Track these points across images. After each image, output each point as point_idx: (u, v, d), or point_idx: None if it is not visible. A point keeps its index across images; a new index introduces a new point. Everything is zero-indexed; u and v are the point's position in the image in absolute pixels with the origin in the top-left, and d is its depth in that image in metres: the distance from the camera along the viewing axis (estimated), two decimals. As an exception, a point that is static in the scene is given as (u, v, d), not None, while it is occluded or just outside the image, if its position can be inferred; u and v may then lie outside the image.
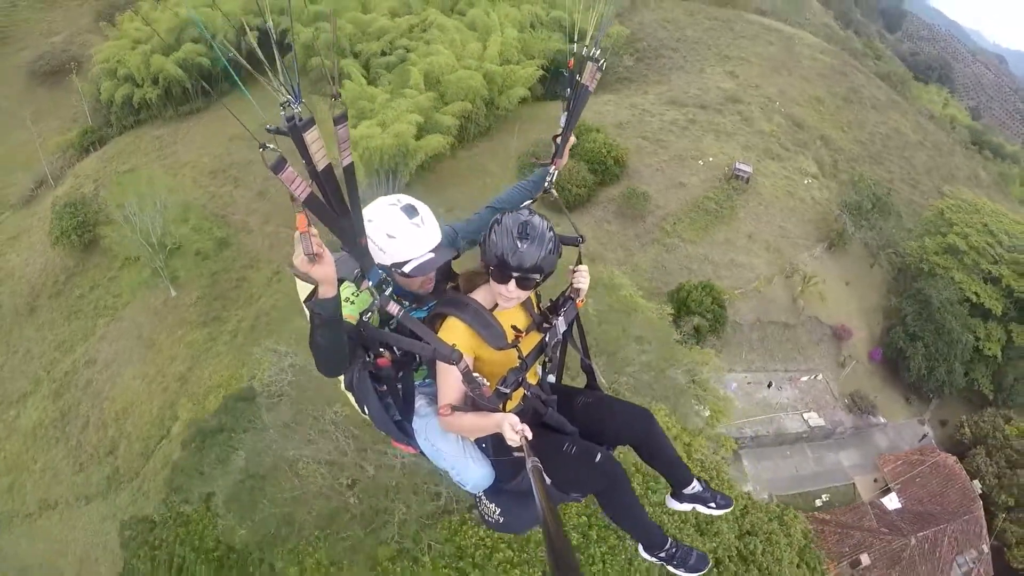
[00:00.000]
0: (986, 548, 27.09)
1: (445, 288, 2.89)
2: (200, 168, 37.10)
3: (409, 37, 39.44)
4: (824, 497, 27.57)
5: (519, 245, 2.49)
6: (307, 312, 2.34)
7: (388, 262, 2.55)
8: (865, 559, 24.00)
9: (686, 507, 3.10)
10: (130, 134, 37.68)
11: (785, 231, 33.63)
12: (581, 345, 3.17)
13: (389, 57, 38.36)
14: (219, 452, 17.80)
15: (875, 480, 28.94)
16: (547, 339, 2.87)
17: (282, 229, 35.56)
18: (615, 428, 2.94)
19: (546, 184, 3.25)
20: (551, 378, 3.15)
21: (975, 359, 33.37)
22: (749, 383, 28.23)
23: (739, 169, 34.83)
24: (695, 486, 3.05)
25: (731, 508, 3.08)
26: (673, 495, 3.12)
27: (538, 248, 2.51)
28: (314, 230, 1.97)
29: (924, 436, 32.16)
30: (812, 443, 28.84)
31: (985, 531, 27.43)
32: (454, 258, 2.84)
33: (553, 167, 3.23)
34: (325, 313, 2.16)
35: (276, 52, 1.75)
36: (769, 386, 28.48)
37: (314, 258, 1.99)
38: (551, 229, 2.58)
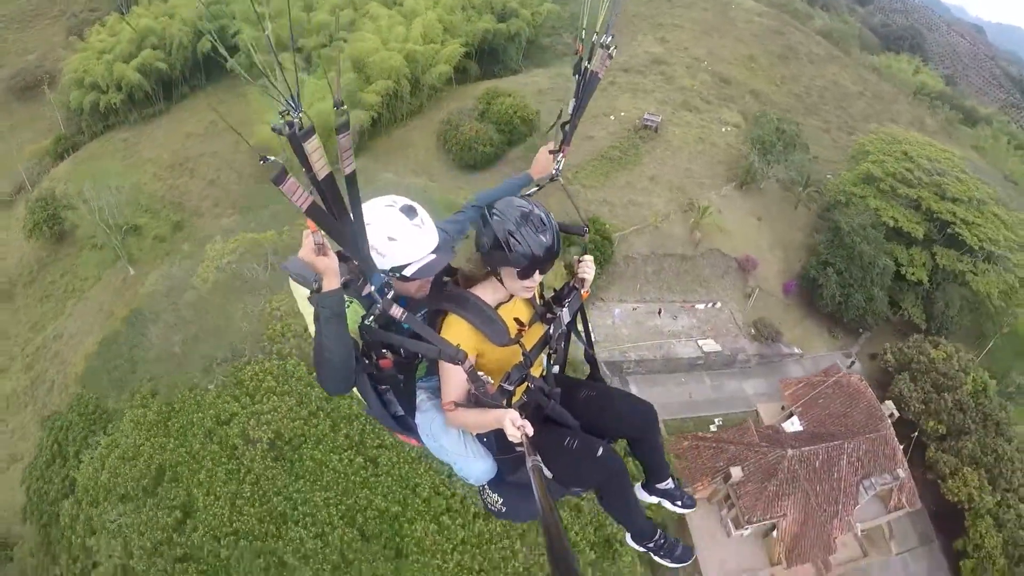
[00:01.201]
0: (902, 473, 25.86)
1: (442, 288, 2.85)
2: (160, 163, 40.97)
3: (349, 30, 42.63)
4: (718, 421, 27.26)
5: (542, 239, 2.50)
6: (307, 316, 2.43)
7: (388, 266, 2.48)
8: (736, 472, 23.35)
9: (653, 500, 3.20)
10: (100, 139, 42.01)
11: (691, 172, 33.98)
12: (585, 336, 3.13)
13: (327, 48, 41.48)
14: (115, 346, 20.72)
15: (782, 408, 28.30)
16: (551, 331, 2.84)
17: (228, 211, 38.77)
18: (617, 422, 2.95)
19: (554, 171, 3.22)
20: (555, 369, 3.08)
21: (903, 288, 32.33)
22: (635, 310, 28.48)
23: (647, 119, 35.61)
24: (668, 483, 3.15)
25: (694, 509, 3.27)
26: (644, 486, 3.22)
27: (554, 233, 2.56)
28: (321, 231, 2.10)
29: (851, 365, 31.18)
30: (712, 371, 28.65)
31: (900, 454, 26.22)
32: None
33: (561, 154, 3.18)
34: (330, 307, 2.18)
35: (276, 60, 1.79)
36: (659, 313, 28.62)
37: (321, 248, 2.09)
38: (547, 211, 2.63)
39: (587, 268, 3.00)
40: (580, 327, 3.11)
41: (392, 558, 13.77)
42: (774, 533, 23.15)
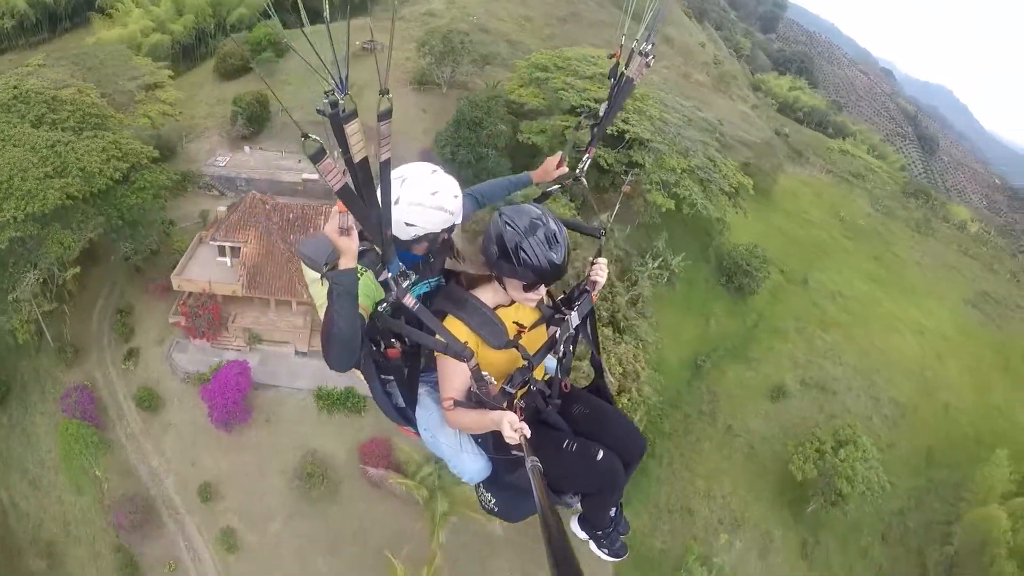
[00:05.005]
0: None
1: (443, 263, 2.90)
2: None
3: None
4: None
5: (552, 255, 2.50)
6: (316, 298, 2.56)
7: (398, 217, 2.51)
8: (220, 209, 30.00)
9: (583, 536, 3.16)
10: (-9, 58, 51.14)
11: (374, 76, 40.69)
12: (593, 341, 3.10)
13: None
14: None
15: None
16: (557, 334, 2.81)
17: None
18: (607, 446, 2.83)
19: (578, 171, 3.27)
20: (562, 376, 2.96)
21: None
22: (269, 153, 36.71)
23: (366, 44, 43.25)
24: (611, 511, 3.07)
25: (624, 558, 3.15)
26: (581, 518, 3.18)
27: (564, 248, 2.55)
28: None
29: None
30: (311, 197, 33.69)
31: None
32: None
33: (587, 155, 3.24)
34: (344, 284, 2.19)
35: (330, 41, 1.78)
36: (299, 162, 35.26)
37: (346, 231, 2.09)
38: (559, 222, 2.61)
39: (600, 271, 3.01)
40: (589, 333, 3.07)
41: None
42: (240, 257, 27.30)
